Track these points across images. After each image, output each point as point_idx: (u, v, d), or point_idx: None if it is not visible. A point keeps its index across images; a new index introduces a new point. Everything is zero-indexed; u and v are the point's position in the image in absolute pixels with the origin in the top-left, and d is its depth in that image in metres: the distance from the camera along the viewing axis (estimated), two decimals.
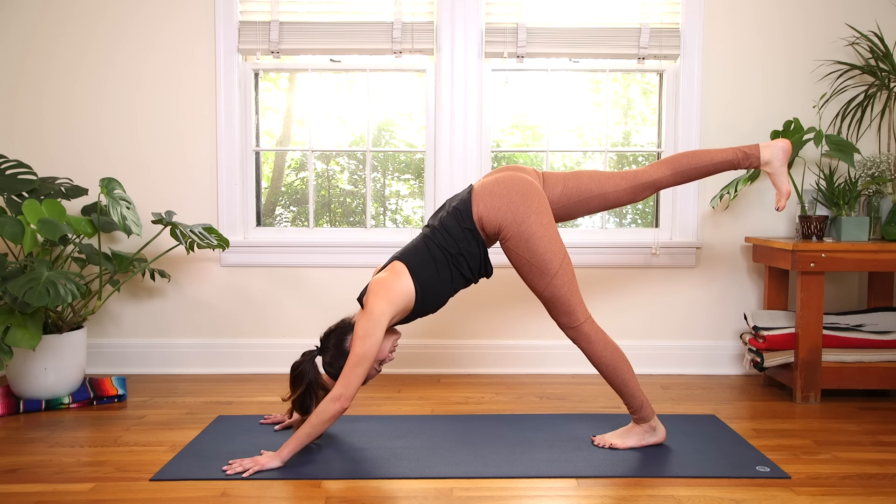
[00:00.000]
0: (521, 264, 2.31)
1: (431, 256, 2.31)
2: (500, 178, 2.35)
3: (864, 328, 3.08)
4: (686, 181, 2.48)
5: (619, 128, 3.56)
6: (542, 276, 2.29)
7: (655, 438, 2.40)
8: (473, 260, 2.33)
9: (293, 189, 3.64)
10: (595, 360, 2.36)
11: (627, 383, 2.36)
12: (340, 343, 2.31)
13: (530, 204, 2.30)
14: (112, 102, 3.38)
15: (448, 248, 2.31)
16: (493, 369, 3.42)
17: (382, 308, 2.21)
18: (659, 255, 3.41)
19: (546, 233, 2.29)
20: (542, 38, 3.34)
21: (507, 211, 2.29)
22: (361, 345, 2.17)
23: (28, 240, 2.72)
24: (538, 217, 2.29)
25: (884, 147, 3.37)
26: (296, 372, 2.29)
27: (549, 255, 2.28)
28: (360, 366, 2.16)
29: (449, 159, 3.37)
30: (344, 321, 2.37)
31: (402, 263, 2.31)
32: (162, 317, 3.44)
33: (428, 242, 2.33)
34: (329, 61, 3.44)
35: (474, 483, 2.12)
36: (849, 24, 3.35)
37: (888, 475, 2.19)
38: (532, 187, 2.33)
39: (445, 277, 2.32)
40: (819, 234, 3.07)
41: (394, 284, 2.25)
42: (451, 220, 2.34)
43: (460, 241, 2.31)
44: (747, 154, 2.45)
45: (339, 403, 2.16)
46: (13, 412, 2.80)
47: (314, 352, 2.34)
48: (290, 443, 2.20)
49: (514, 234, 2.29)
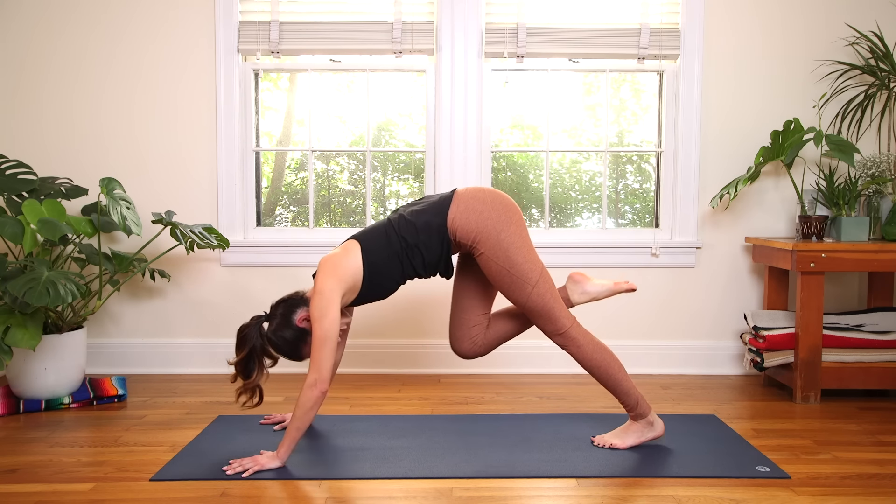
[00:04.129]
0: (500, 276, 2.31)
1: (388, 241, 2.32)
2: (486, 188, 2.39)
3: (864, 328, 3.08)
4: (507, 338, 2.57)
5: (616, 128, 3.55)
6: (523, 286, 2.30)
7: (654, 433, 2.40)
8: (430, 254, 2.33)
9: (293, 189, 3.64)
10: (585, 363, 2.37)
11: (620, 382, 2.36)
12: (288, 314, 2.31)
13: (511, 216, 2.32)
14: (112, 102, 3.38)
15: (407, 238, 2.31)
16: (493, 369, 3.42)
17: (332, 285, 2.21)
18: (659, 255, 3.42)
19: (525, 244, 2.32)
20: (542, 38, 3.34)
21: (487, 217, 2.30)
22: (320, 325, 2.17)
23: (28, 240, 2.72)
24: (518, 229, 2.32)
25: (884, 147, 3.37)
26: (241, 335, 2.30)
27: (529, 265, 2.30)
28: (325, 346, 2.17)
29: (449, 159, 3.37)
30: (296, 293, 2.38)
31: (355, 242, 2.33)
32: (162, 317, 3.44)
33: (388, 229, 2.34)
34: (329, 61, 3.44)
35: (474, 483, 2.12)
36: (849, 24, 3.35)
37: (888, 475, 2.19)
38: (514, 205, 2.37)
39: (395, 265, 2.32)
40: (819, 234, 3.07)
41: (341, 261, 2.27)
42: (424, 213, 2.34)
43: (422, 233, 2.31)
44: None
45: (316, 389, 2.16)
46: (13, 412, 2.80)
47: (262, 318, 2.34)
48: (285, 441, 2.20)
49: (493, 243, 2.29)
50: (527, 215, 3.58)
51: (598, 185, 3.56)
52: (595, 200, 3.57)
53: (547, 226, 3.50)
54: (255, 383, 2.30)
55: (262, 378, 2.31)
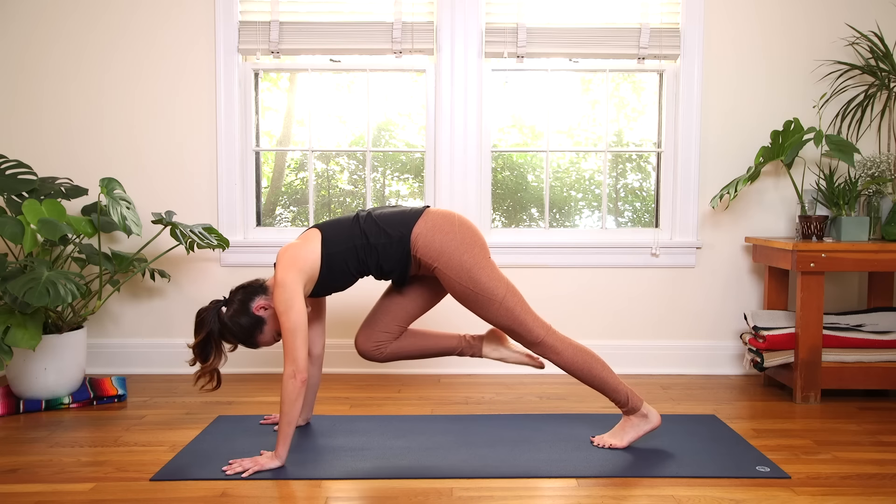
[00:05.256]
0: (465, 295, 2.32)
1: (350, 235, 2.32)
2: (456, 213, 2.41)
3: (864, 328, 3.08)
4: (409, 357, 2.58)
5: (615, 126, 3.55)
6: (490, 303, 2.32)
7: (651, 425, 2.40)
8: (386, 261, 2.33)
9: (293, 189, 3.64)
10: (568, 368, 2.38)
11: (606, 381, 2.37)
12: (246, 301, 2.31)
13: (475, 241, 2.34)
14: (112, 102, 3.38)
15: (369, 237, 2.32)
16: (493, 369, 3.42)
17: (293, 277, 2.22)
18: (659, 255, 3.41)
19: (488, 264, 2.33)
20: (541, 38, 3.34)
21: (452, 238, 2.31)
22: (288, 318, 2.17)
23: (28, 240, 2.72)
24: (481, 251, 2.34)
25: (884, 147, 3.37)
26: (199, 318, 2.31)
27: (493, 283, 2.31)
28: (297, 337, 2.17)
29: (449, 159, 3.38)
30: (256, 280, 2.37)
31: (317, 231, 2.34)
32: (162, 317, 3.44)
33: (355, 223, 2.35)
34: (329, 61, 3.44)
35: (474, 483, 2.12)
36: (849, 24, 3.35)
37: (888, 475, 2.19)
38: (480, 233, 2.39)
39: (352, 258, 2.32)
40: (819, 234, 3.07)
41: (299, 252, 2.27)
42: (391, 219, 2.35)
43: (383, 236, 2.32)
44: (471, 343, 2.60)
45: (296, 379, 2.16)
46: (13, 412, 2.80)
47: (220, 302, 2.34)
48: (279, 440, 2.21)
49: (455, 263, 2.30)
50: (526, 215, 3.58)
51: (598, 184, 3.56)
52: (595, 199, 3.57)
53: (547, 226, 3.50)
54: (213, 367, 2.31)
55: (219, 362, 2.32)
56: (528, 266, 3.42)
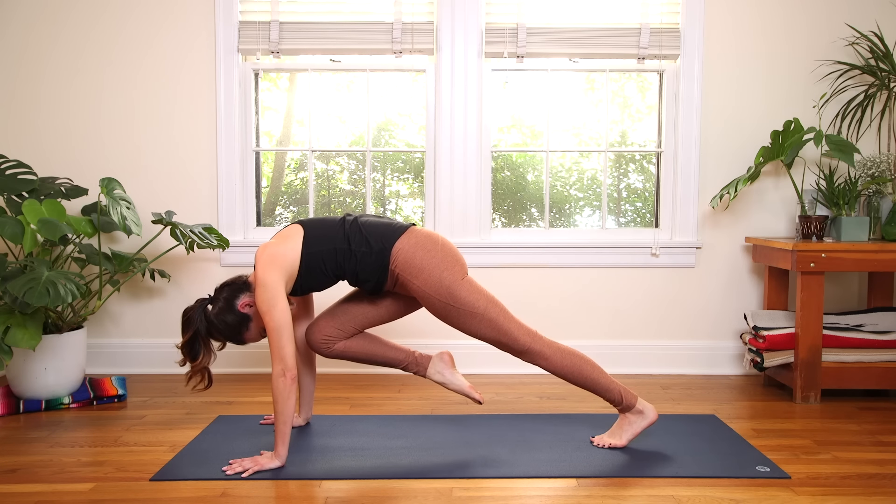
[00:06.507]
0: (447, 311, 2.32)
1: (334, 236, 2.31)
2: (441, 236, 2.41)
3: (864, 328, 3.08)
4: (353, 359, 2.55)
5: (620, 126, 3.55)
6: (472, 316, 2.32)
7: (648, 421, 2.40)
8: (363, 271, 2.32)
9: (293, 189, 3.64)
10: (558, 373, 2.37)
11: (598, 381, 2.37)
12: (231, 299, 2.30)
13: (456, 262, 2.35)
14: (111, 102, 3.38)
15: (351, 242, 2.31)
16: (493, 369, 3.42)
17: (274, 276, 2.21)
18: (659, 255, 3.42)
19: (467, 280, 2.34)
20: (541, 38, 3.34)
21: (434, 256, 2.31)
22: (271, 317, 2.17)
23: (28, 240, 2.72)
24: (461, 270, 2.34)
25: (884, 147, 3.37)
26: (185, 317, 2.31)
27: (473, 297, 2.31)
28: (282, 335, 2.17)
29: (449, 159, 3.38)
30: (240, 277, 2.37)
31: (300, 228, 2.33)
32: (162, 317, 3.44)
33: (341, 225, 2.34)
34: (329, 61, 3.44)
35: (474, 483, 2.12)
36: (849, 24, 3.35)
37: (888, 475, 2.20)
38: (461, 256, 2.39)
39: (331, 260, 2.31)
40: (819, 234, 3.07)
41: (278, 250, 2.26)
42: (376, 229, 2.34)
43: (364, 245, 2.31)
44: (418, 360, 2.57)
45: (286, 377, 2.15)
46: (13, 412, 2.80)
47: (206, 300, 2.34)
48: (277, 440, 2.20)
49: (434, 281, 2.29)
50: (526, 215, 3.58)
51: (599, 183, 3.56)
52: (596, 198, 3.57)
53: (547, 226, 3.50)
54: (203, 365, 2.30)
55: (209, 360, 2.32)
56: (528, 266, 3.42)
